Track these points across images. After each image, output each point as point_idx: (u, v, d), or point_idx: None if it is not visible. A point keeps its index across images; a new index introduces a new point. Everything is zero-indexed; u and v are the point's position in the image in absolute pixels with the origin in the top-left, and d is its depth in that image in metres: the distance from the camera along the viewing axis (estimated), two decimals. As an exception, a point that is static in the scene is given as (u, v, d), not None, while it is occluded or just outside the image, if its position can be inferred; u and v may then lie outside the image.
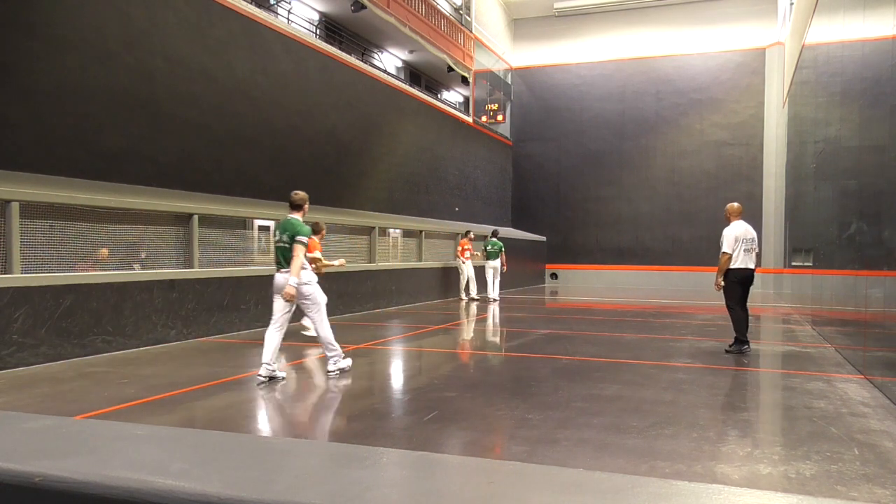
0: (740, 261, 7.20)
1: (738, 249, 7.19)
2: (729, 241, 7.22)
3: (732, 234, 7.24)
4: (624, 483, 0.68)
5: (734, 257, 7.20)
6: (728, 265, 7.22)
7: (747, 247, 7.22)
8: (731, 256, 7.19)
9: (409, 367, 6.99)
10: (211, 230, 8.58)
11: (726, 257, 7.21)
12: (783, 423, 4.62)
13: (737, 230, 7.25)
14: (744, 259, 7.21)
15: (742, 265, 7.21)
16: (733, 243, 7.20)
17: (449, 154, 18.58)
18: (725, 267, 7.23)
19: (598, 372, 6.27)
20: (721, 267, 7.26)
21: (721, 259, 7.26)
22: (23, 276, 6.15)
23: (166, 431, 0.88)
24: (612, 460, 3.64)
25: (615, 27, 22.55)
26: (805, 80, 12.82)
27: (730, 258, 7.20)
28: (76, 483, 0.69)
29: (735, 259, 7.20)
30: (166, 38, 9.02)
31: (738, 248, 7.19)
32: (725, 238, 7.26)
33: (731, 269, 7.22)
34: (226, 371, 6.15)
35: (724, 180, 21.04)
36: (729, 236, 7.25)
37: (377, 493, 0.67)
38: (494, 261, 15.00)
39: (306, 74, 12.15)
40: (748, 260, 7.23)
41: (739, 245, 7.20)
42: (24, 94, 7.24)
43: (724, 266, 7.23)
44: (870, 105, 6.55)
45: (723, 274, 7.27)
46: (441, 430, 4.29)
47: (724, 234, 7.30)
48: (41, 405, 4.83)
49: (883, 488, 3.20)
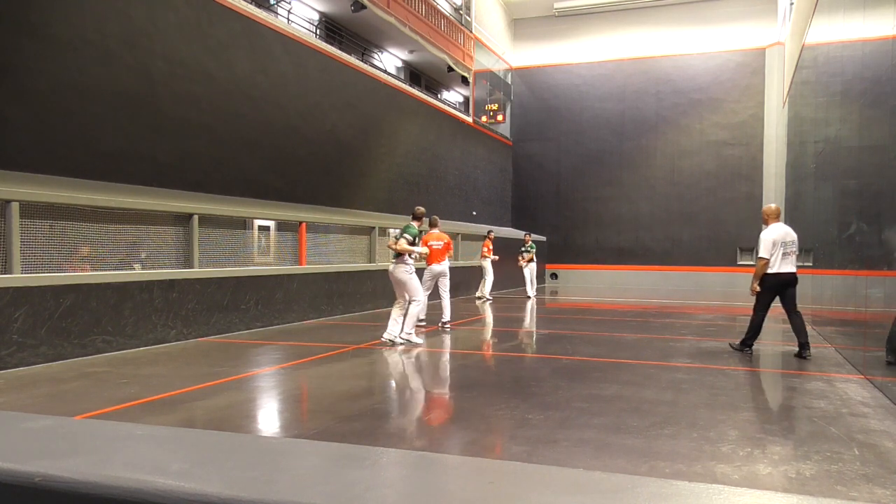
0: (778, 265, 6.84)
1: (777, 254, 6.83)
2: (766, 246, 6.86)
3: (770, 239, 6.86)
4: (624, 483, 0.68)
5: (772, 262, 6.85)
6: (764, 270, 6.88)
7: (786, 250, 6.85)
8: (769, 262, 6.85)
9: (409, 367, 6.99)
10: (211, 230, 8.58)
11: (763, 262, 6.87)
12: (783, 423, 4.62)
13: (775, 233, 6.88)
14: (782, 264, 6.85)
15: (779, 270, 6.85)
16: (770, 248, 6.84)
17: (449, 154, 18.58)
18: (762, 272, 6.89)
19: (598, 372, 6.27)
20: (757, 272, 6.92)
21: (758, 264, 6.93)
22: (23, 276, 6.15)
23: (166, 431, 0.88)
24: (612, 460, 3.64)
25: (615, 27, 22.55)
26: (805, 80, 12.83)
27: (767, 263, 6.85)
28: (76, 483, 0.69)
29: (773, 264, 6.84)
30: (166, 38, 9.02)
31: (777, 253, 6.83)
32: (762, 242, 6.90)
33: (767, 273, 6.89)
34: (226, 371, 6.15)
35: (724, 180, 21.04)
36: (766, 241, 6.87)
37: (377, 493, 0.67)
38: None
39: (306, 74, 12.15)
40: (787, 264, 6.85)
41: (778, 249, 6.83)
42: (24, 94, 7.24)
43: (761, 271, 6.89)
44: (870, 105, 6.55)
45: (759, 279, 6.92)
46: (441, 430, 4.29)
47: (762, 237, 6.94)
48: (41, 405, 4.83)
49: (883, 488, 3.20)
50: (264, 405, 5.16)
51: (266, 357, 7.07)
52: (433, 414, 4.62)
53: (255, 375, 5.98)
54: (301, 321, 10.06)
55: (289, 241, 10.33)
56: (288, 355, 7.16)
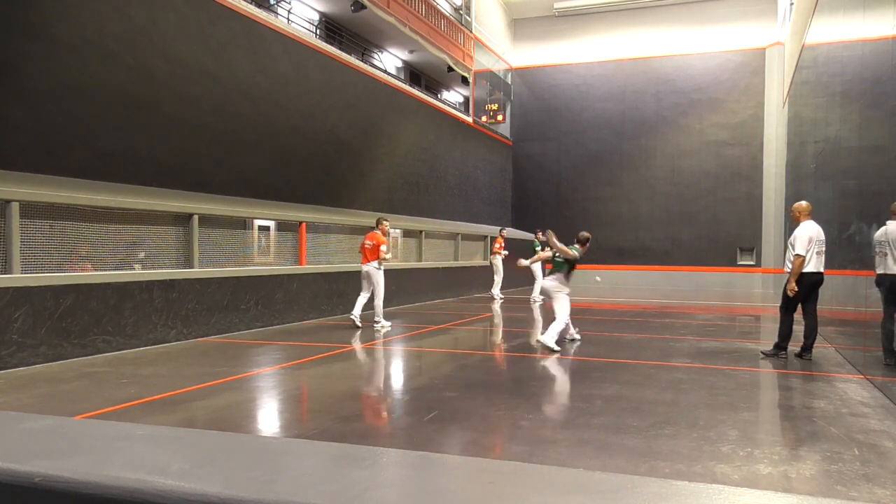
0: (812, 264, 6.68)
1: (811, 252, 6.65)
2: (803, 243, 6.65)
3: (807, 235, 6.66)
4: (624, 483, 0.68)
5: (807, 260, 6.65)
6: (802, 268, 6.66)
7: (819, 249, 6.69)
8: (805, 259, 6.65)
9: (410, 367, 6.99)
10: (211, 230, 8.59)
11: (800, 260, 6.65)
12: (783, 423, 4.62)
13: (810, 230, 6.69)
14: (816, 262, 6.69)
15: (813, 269, 6.69)
16: (807, 244, 6.64)
17: (449, 154, 18.58)
18: (799, 270, 6.67)
19: (598, 372, 6.27)
20: (795, 270, 6.69)
21: (794, 262, 6.70)
22: (23, 276, 6.15)
23: (166, 431, 0.88)
24: (612, 460, 3.64)
25: (615, 27, 22.55)
26: (805, 80, 12.83)
27: (804, 261, 6.65)
28: (76, 483, 0.69)
29: (807, 262, 6.66)
30: (166, 38, 9.02)
31: (812, 251, 6.65)
32: (798, 239, 6.69)
33: (803, 272, 6.69)
34: (226, 371, 6.15)
35: (724, 180, 21.04)
36: (803, 237, 6.67)
37: (377, 493, 0.67)
38: None
39: (306, 74, 12.14)
40: (819, 263, 6.71)
41: (813, 247, 6.65)
42: (24, 94, 7.24)
43: (798, 269, 6.67)
44: (870, 105, 6.54)
45: (796, 277, 6.70)
46: (441, 430, 4.29)
47: (797, 234, 6.73)
48: (41, 405, 4.83)
49: (883, 488, 3.20)
50: (264, 405, 5.16)
51: (266, 357, 7.07)
52: (433, 414, 4.62)
53: (255, 375, 5.98)
54: (301, 321, 10.06)
55: (289, 241, 10.33)
56: (288, 355, 7.16)
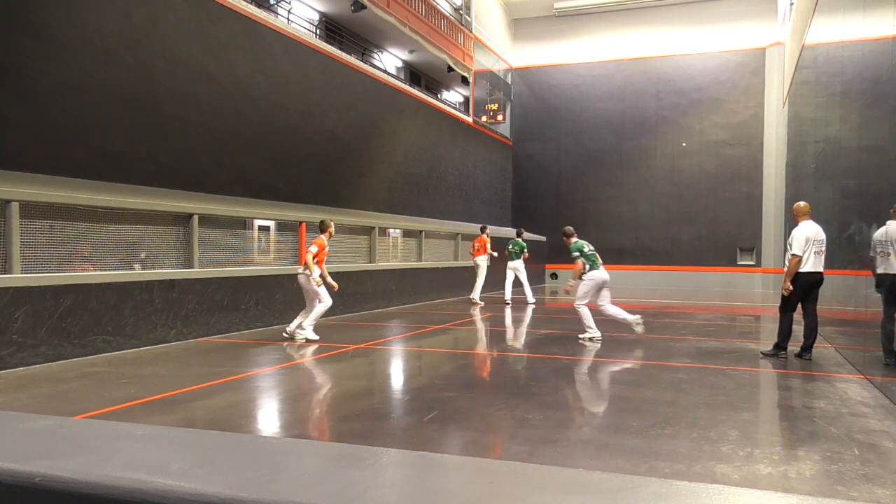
0: (810, 264, 6.73)
1: (809, 252, 6.72)
2: (799, 243, 6.72)
3: (803, 235, 6.73)
4: (624, 483, 0.68)
5: (804, 260, 6.72)
6: (797, 268, 6.73)
7: (817, 249, 6.73)
8: (802, 259, 6.72)
9: (410, 367, 6.99)
10: (211, 230, 8.58)
11: (796, 260, 6.72)
12: (783, 423, 4.62)
13: (808, 230, 6.75)
14: (813, 262, 6.73)
15: (811, 269, 6.74)
16: (804, 244, 6.70)
17: (449, 154, 18.58)
18: (795, 270, 6.74)
19: (599, 372, 6.27)
20: (790, 270, 6.77)
21: (790, 262, 6.79)
22: (23, 276, 6.15)
23: (166, 431, 0.88)
24: (612, 460, 3.64)
25: (615, 27, 22.55)
26: (805, 80, 12.82)
27: (800, 261, 6.72)
28: (76, 483, 0.69)
29: (804, 262, 6.73)
30: (166, 38, 9.02)
31: (809, 251, 6.71)
32: (795, 239, 6.76)
33: (799, 272, 6.75)
34: (226, 371, 6.15)
35: (724, 180, 21.04)
36: (799, 237, 6.74)
37: (377, 493, 0.67)
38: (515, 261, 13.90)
39: (306, 74, 12.15)
40: (818, 263, 6.75)
41: (810, 247, 6.71)
42: (24, 94, 7.24)
43: (794, 269, 6.75)
44: (870, 105, 6.54)
45: (792, 277, 6.78)
46: (441, 430, 4.29)
47: (794, 234, 6.81)
48: (41, 405, 4.83)
49: (883, 488, 3.20)
50: (264, 405, 5.16)
51: (266, 357, 7.07)
52: (433, 414, 4.62)
53: (255, 375, 5.98)
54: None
55: (289, 241, 10.33)
56: (288, 355, 7.16)
